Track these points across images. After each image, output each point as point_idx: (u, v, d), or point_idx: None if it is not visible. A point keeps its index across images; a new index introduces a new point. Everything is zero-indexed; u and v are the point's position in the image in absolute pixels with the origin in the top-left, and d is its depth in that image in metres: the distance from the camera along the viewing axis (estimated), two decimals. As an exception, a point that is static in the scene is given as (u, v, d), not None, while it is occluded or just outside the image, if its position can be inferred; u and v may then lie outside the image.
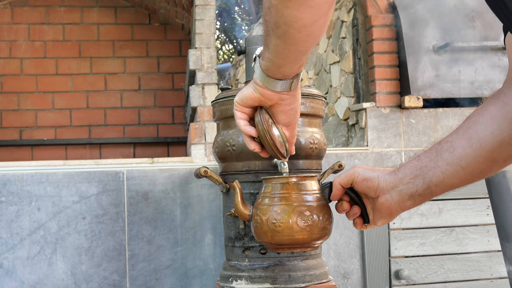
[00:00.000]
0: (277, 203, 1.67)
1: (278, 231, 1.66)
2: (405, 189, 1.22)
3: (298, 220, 1.64)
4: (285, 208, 1.65)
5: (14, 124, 4.65)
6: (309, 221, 1.63)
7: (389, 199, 1.25)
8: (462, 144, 1.13)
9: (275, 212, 1.66)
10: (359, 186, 1.33)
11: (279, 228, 1.66)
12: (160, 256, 2.84)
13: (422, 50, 3.24)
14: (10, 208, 2.74)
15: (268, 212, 1.67)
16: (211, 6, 3.22)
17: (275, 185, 1.70)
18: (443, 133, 3.20)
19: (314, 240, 1.69)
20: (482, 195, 3.11)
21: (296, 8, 1.07)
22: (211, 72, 3.13)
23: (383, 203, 1.27)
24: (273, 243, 1.71)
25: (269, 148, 1.51)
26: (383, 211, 1.28)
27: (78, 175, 2.81)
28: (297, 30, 1.12)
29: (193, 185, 2.87)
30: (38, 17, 4.72)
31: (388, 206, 1.26)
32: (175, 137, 4.75)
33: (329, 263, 3.01)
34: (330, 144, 3.82)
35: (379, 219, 1.32)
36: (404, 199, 1.23)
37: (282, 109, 1.38)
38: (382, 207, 1.28)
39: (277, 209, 1.66)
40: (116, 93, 4.75)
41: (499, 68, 3.29)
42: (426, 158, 1.20)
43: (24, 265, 2.73)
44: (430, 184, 1.18)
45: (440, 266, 3.09)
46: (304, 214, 1.63)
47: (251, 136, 1.45)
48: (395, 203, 1.25)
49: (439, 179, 1.17)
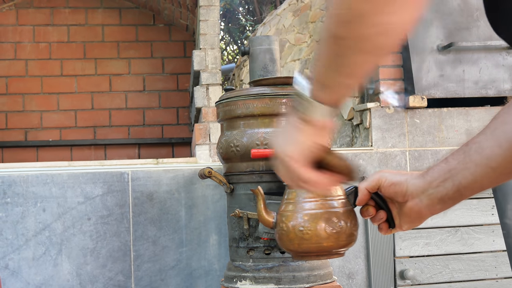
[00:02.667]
0: (304, 210, 1.63)
1: (305, 238, 1.62)
2: (435, 193, 1.20)
3: (326, 227, 1.60)
4: (312, 214, 1.61)
5: (19, 125, 4.66)
6: (336, 228, 1.60)
7: (419, 203, 1.23)
8: (491, 145, 1.10)
9: (302, 219, 1.62)
10: (386, 191, 1.31)
11: (307, 236, 1.62)
12: (165, 256, 2.85)
13: (426, 50, 3.24)
14: (15, 209, 2.75)
15: (294, 219, 1.63)
16: (215, 6, 3.23)
17: (300, 191, 1.64)
18: (448, 133, 3.20)
19: (341, 247, 1.65)
20: (487, 195, 3.10)
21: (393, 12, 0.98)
22: (215, 72, 3.13)
23: (412, 208, 1.24)
24: (300, 251, 1.66)
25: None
26: (412, 216, 1.26)
27: (83, 176, 2.82)
28: (390, 37, 1.03)
29: (197, 185, 2.88)
30: (42, 18, 4.74)
31: (417, 211, 1.24)
32: (179, 137, 4.76)
33: (334, 263, 3.01)
34: (334, 144, 3.82)
35: (405, 224, 1.30)
36: (434, 203, 1.21)
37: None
38: (411, 212, 1.25)
39: (304, 216, 1.62)
40: (120, 94, 4.76)
41: (504, 67, 3.28)
42: (454, 160, 1.17)
43: (29, 266, 2.74)
44: (460, 186, 1.16)
45: (445, 266, 3.09)
46: (331, 221, 1.60)
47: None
48: (425, 207, 1.22)
49: (468, 181, 1.15)
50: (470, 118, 3.21)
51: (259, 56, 2.31)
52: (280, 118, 2.00)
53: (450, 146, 3.19)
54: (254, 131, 2.00)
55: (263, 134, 1.98)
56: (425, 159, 3.15)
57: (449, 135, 3.19)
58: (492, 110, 3.23)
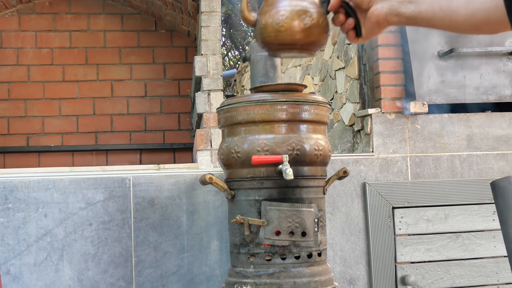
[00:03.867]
0: (280, 7, 1.85)
1: (281, 31, 1.84)
2: (396, 6, 1.34)
3: (299, 22, 1.82)
4: (288, 11, 1.83)
5: (21, 130, 4.67)
6: (308, 23, 1.81)
7: (379, 9, 1.37)
8: (460, 2, 1.23)
9: (278, 14, 1.84)
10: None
11: (282, 28, 1.84)
12: (166, 262, 2.85)
13: (427, 56, 3.24)
14: (17, 215, 2.76)
15: (272, 15, 1.85)
16: (216, 12, 3.24)
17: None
18: (449, 138, 3.20)
19: (312, 42, 1.87)
20: (488, 201, 3.11)
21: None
22: (217, 78, 3.14)
23: (373, 12, 1.38)
24: (275, 43, 1.88)
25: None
26: (372, 20, 1.39)
27: (84, 181, 2.82)
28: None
29: (199, 191, 2.88)
30: (45, 24, 4.75)
31: (376, 15, 1.37)
32: (181, 143, 4.76)
33: (335, 269, 3.01)
34: (336, 150, 3.83)
35: (367, 30, 1.44)
36: (392, 14, 1.34)
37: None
38: (371, 15, 1.39)
39: (281, 11, 1.84)
40: (122, 100, 4.77)
41: (504, 73, 3.29)
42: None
43: (31, 271, 2.75)
44: (419, 16, 1.30)
45: (447, 271, 3.09)
46: (305, 17, 1.81)
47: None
48: (383, 14, 1.36)
49: (427, 16, 1.29)
50: (471, 124, 3.22)
51: (260, 62, 2.32)
52: (281, 125, 2.01)
53: (451, 151, 3.19)
54: (255, 137, 2.01)
55: (264, 141, 1.99)
56: (426, 165, 3.15)
57: (450, 140, 3.19)
58: (493, 116, 3.23)
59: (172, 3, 4.22)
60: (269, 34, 1.89)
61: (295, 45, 1.92)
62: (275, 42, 1.91)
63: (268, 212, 1.97)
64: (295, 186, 2.02)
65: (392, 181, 3.09)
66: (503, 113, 3.24)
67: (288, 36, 1.87)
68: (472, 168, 3.20)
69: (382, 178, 3.10)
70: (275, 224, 1.97)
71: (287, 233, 1.98)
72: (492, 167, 3.21)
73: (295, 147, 1.99)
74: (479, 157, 3.20)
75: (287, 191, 2.01)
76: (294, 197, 2.02)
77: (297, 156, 1.99)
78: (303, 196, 2.03)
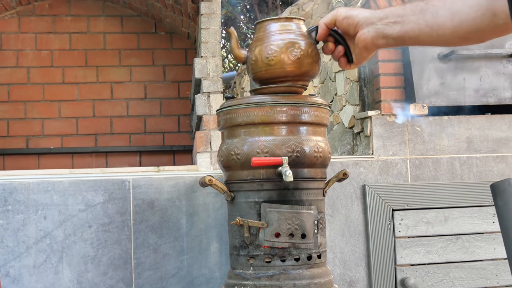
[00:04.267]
0: (270, 42, 1.90)
1: (271, 64, 1.89)
2: (382, 29, 1.36)
3: (288, 54, 1.88)
4: (276, 45, 1.89)
5: (21, 132, 4.67)
6: (298, 55, 1.87)
7: (366, 33, 1.39)
8: (445, 16, 1.24)
9: (268, 48, 1.90)
10: (341, 24, 1.48)
11: (272, 62, 1.89)
12: (166, 264, 2.85)
13: (427, 58, 3.25)
14: (16, 217, 2.75)
15: (261, 50, 1.91)
16: (216, 15, 3.24)
17: (266, 27, 1.94)
18: (449, 141, 3.20)
19: (303, 73, 1.92)
20: (488, 203, 3.10)
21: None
22: (216, 80, 3.14)
23: (359, 37, 1.40)
24: (267, 77, 1.93)
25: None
26: (360, 45, 1.42)
27: (84, 183, 2.82)
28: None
29: (199, 193, 2.88)
30: (45, 26, 4.75)
31: (363, 40, 1.40)
32: (181, 145, 4.76)
33: (335, 272, 3.01)
34: (336, 152, 3.83)
35: (357, 55, 1.47)
36: (379, 37, 1.37)
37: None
38: (358, 41, 1.41)
39: (270, 45, 1.89)
40: (122, 102, 4.77)
41: (504, 75, 3.29)
42: (411, 11, 1.31)
43: (30, 273, 2.74)
44: (405, 35, 1.32)
45: (446, 274, 3.09)
46: (293, 49, 1.87)
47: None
48: (370, 38, 1.38)
49: (414, 34, 1.31)
50: (470, 126, 3.22)
51: (260, 64, 2.31)
52: (281, 126, 2.01)
53: (451, 154, 3.19)
54: (254, 139, 2.00)
55: (263, 142, 1.99)
56: (426, 167, 3.15)
57: (450, 143, 3.19)
58: (492, 118, 3.23)
59: (172, 5, 4.22)
60: (260, 69, 1.93)
61: (287, 77, 1.94)
62: (266, 76, 1.94)
63: (268, 214, 1.97)
64: (294, 188, 2.02)
65: (392, 183, 3.09)
66: (503, 116, 3.24)
67: (279, 69, 1.91)
68: (472, 171, 3.19)
69: (382, 180, 3.10)
70: (275, 226, 1.97)
71: (287, 235, 1.98)
72: (492, 170, 3.21)
73: (295, 149, 1.99)
74: (479, 159, 3.20)
75: (287, 193, 2.01)
76: (293, 199, 2.02)
77: (297, 158, 1.99)
78: (302, 198, 2.03)
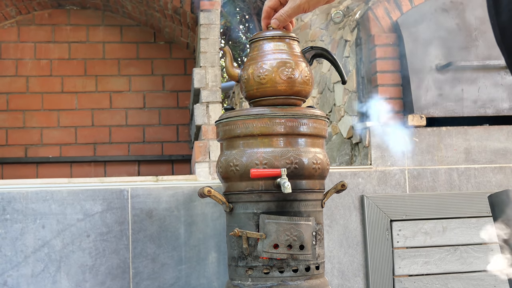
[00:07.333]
0: (262, 61, 1.95)
1: (263, 83, 1.94)
2: None
3: (280, 74, 1.93)
4: (268, 64, 1.93)
5: (20, 141, 4.67)
6: (289, 74, 1.93)
7: None
8: None
9: (259, 67, 1.94)
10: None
11: (264, 81, 1.93)
12: (164, 274, 2.84)
13: (425, 69, 3.26)
14: (14, 226, 2.75)
15: (254, 69, 1.95)
16: (215, 25, 3.25)
17: (260, 46, 1.99)
18: (447, 151, 3.21)
19: (295, 93, 1.97)
20: (486, 214, 3.11)
21: None
22: (215, 90, 3.15)
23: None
24: (258, 95, 1.98)
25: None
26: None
27: (82, 193, 2.82)
28: None
29: (197, 203, 2.88)
30: (44, 35, 4.77)
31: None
32: (179, 155, 4.76)
33: (333, 282, 3.01)
34: (334, 163, 3.83)
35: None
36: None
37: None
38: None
39: (262, 64, 1.94)
40: (121, 111, 4.78)
41: (502, 86, 3.30)
42: None
43: (28, 283, 2.74)
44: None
45: (444, 284, 3.09)
46: (285, 69, 1.92)
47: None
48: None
49: None
50: (468, 137, 3.23)
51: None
52: (279, 138, 2.01)
53: (449, 164, 3.20)
54: (253, 151, 2.01)
55: (262, 154, 1.99)
56: (424, 177, 3.16)
57: (448, 154, 3.20)
58: (490, 129, 3.24)
59: (171, 15, 4.23)
60: (252, 87, 1.97)
61: (279, 97, 1.98)
62: (258, 95, 1.98)
63: (266, 225, 1.97)
64: (293, 200, 2.02)
65: (390, 194, 3.10)
66: (500, 126, 3.25)
67: (270, 88, 1.95)
68: (470, 181, 3.20)
69: (380, 191, 3.10)
70: (273, 237, 1.97)
71: (285, 246, 1.98)
72: (490, 180, 3.22)
73: (294, 160, 1.99)
74: (477, 170, 3.21)
75: (285, 205, 2.01)
76: (292, 210, 2.02)
77: (296, 170, 1.99)
78: (301, 209, 2.03)
